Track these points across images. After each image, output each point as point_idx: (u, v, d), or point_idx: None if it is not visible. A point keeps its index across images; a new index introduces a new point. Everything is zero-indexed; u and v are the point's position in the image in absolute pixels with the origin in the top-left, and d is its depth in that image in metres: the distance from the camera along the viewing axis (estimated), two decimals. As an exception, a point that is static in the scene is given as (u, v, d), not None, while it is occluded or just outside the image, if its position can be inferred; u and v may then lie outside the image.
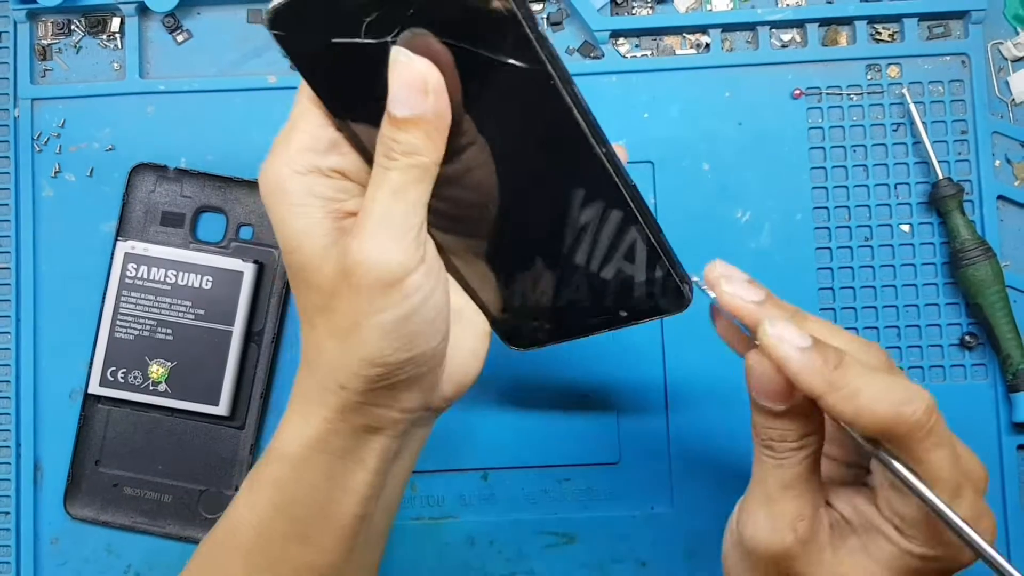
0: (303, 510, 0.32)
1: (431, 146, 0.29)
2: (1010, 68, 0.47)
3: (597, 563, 0.46)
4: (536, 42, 0.28)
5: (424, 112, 0.28)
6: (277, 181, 0.30)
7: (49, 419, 0.46)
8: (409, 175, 0.29)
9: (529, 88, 0.29)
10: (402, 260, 0.29)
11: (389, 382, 0.30)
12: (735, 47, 0.47)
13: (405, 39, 0.28)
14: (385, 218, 0.28)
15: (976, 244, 0.44)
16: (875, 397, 0.27)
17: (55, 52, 0.48)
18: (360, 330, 0.29)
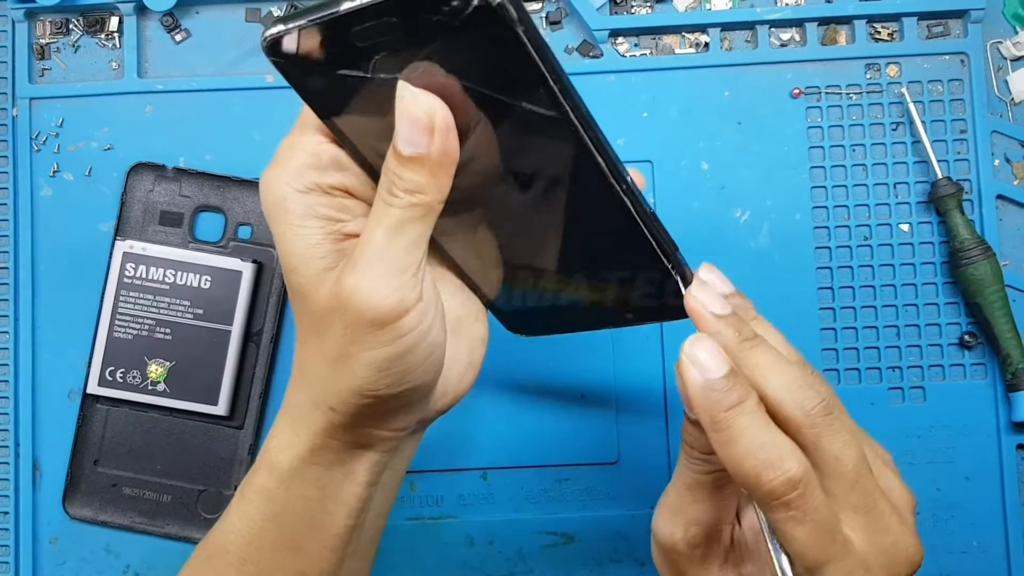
0: (294, 521, 0.31)
1: (435, 185, 0.28)
2: (1009, 67, 0.47)
3: (596, 563, 0.45)
4: (558, 92, 0.26)
5: (429, 152, 0.27)
6: (278, 198, 0.29)
7: (48, 419, 0.46)
8: (410, 213, 0.28)
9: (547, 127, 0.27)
10: (397, 300, 0.28)
11: (379, 410, 0.30)
12: (734, 46, 0.47)
13: (413, 71, 0.27)
14: (382, 256, 0.28)
15: (975, 243, 0.44)
16: (746, 451, 0.26)
17: (53, 51, 0.48)
18: (350, 362, 0.28)
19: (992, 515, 0.45)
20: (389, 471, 0.34)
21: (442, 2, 0.24)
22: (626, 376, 0.46)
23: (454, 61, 0.26)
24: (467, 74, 0.27)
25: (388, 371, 0.28)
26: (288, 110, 0.46)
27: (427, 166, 0.27)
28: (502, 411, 0.46)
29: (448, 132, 0.27)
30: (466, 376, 0.33)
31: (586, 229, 0.31)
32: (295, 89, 0.28)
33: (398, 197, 0.27)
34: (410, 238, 0.28)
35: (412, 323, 0.28)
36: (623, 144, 0.46)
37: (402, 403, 0.30)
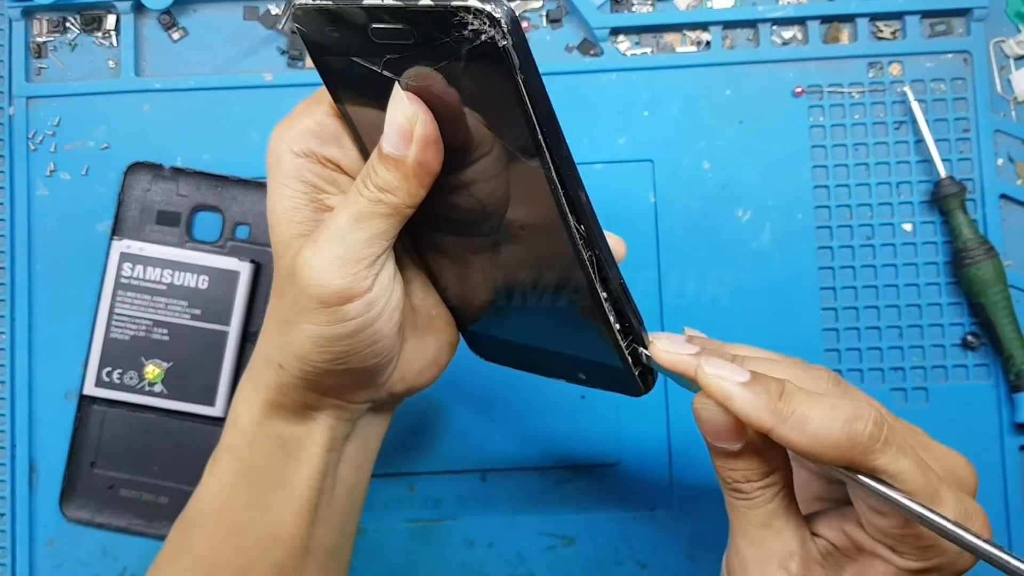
0: (260, 476, 0.32)
1: (406, 189, 0.28)
2: (1012, 66, 0.46)
3: (597, 565, 0.45)
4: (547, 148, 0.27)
5: (405, 157, 0.28)
6: (276, 153, 0.30)
7: (44, 420, 0.46)
8: (377, 209, 0.29)
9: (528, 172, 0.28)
10: (343, 286, 0.29)
11: (322, 380, 0.31)
12: (736, 44, 0.47)
13: (412, 78, 0.28)
14: (339, 240, 0.29)
15: (978, 243, 0.44)
16: (823, 422, 0.26)
17: (50, 50, 0.48)
18: (295, 329, 0.30)
19: (994, 516, 0.45)
20: (356, 445, 0.35)
21: (454, 27, 0.25)
22: (627, 377, 0.45)
23: (456, 82, 0.27)
24: (465, 98, 0.27)
25: (326, 348, 0.30)
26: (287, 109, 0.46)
27: (402, 170, 0.28)
28: (501, 412, 0.46)
29: (427, 144, 0.28)
30: (427, 372, 0.34)
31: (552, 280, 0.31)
32: (314, 63, 0.29)
33: (369, 190, 0.28)
34: (372, 231, 0.29)
35: (356, 311, 0.29)
36: (624, 143, 0.46)
37: (344, 380, 0.31)
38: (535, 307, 0.33)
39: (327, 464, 0.33)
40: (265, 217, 0.45)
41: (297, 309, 0.29)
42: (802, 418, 0.26)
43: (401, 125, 0.28)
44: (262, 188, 0.46)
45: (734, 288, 0.45)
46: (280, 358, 0.31)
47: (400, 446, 0.46)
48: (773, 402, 0.26)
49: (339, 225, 0.29)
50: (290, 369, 0.31)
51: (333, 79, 0.30)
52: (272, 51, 0.47)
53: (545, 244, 0.30)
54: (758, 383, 0.26)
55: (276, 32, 0.47)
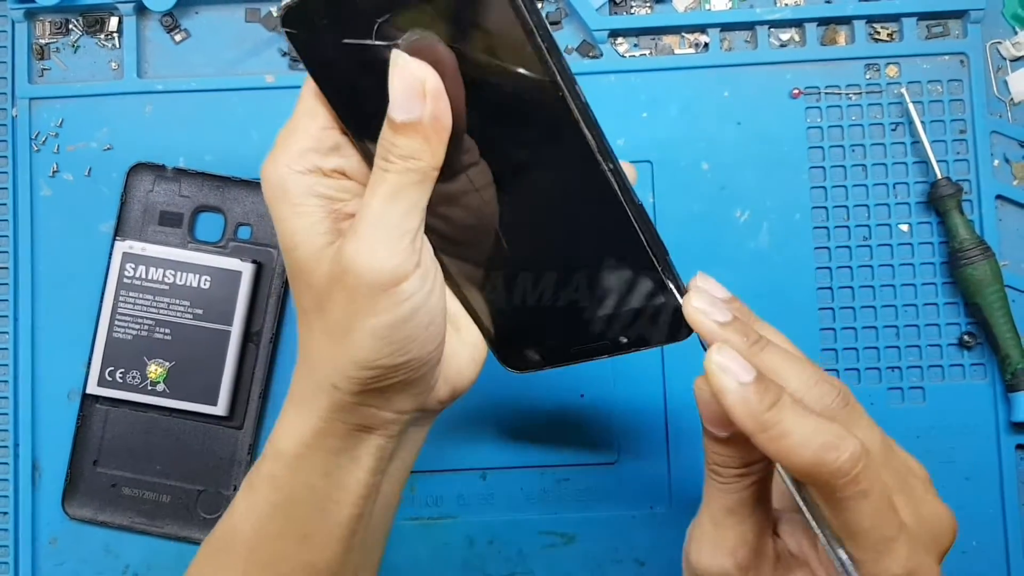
0: (301, 508, 0.32)
1: (429, 151, 0.28)
2: (1009, 68, 0.47)
3: (596, 562, 0.45)
4: (547, 51, 0.27)
5: (421, 116, 0.28)
6: (279, 180, 0.30)
7: (47, 419, 0.46)
8: (406, 179, 0.28)
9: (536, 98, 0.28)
10: (396, 265, 0.28)
11: (382, 384, 0.30)
12: (734, 46, 0.47)
13: (409, 41, 0.28)
14: (380, 221, 0.28)
15: (975, 244, 0.44)
16: (801, 441, 0.26)
17: (53, 51, 0.48)
18: (353, 333, 0.29)
19: (991, 515, 0.45)
20: (399, 463, 0.34)
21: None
22: (626, 376, 0.46)
23: (450, 23, 0.27)
24: (462, 38, 0.28)
25: (389, 339, 0.29)
26: (288, 110, 0.46)
27: (420, 131, 0.28)
28: (502, 411, 0.46)
29: (439, 98, 0.28)
30: (467, 370, 0.34)
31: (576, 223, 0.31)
32: (304, 62, 0.30)
33: (394, 163, 0.28)
34: (407, 204, 0.29)
35: (412, 288, 0.29)
36: (623, 144, 0.46)
37: (403, 377, 0.30)
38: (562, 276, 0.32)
39: (371, 489, 0.32)
40: (267, 218, 0.46)
41: (353, 310, 0.29)
42: (782, 432, 0.26)
43: (409, 85, 0.27)
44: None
45: (732, 288, 0.45)
46: (335, 378, 0.30)
47: (401, 445, 0.46)
48: (762, 411, 0.26)
49: (375, 209, 0.28)
50: (347, 386, 0.30)
51: (326, 73, 0.30)
52: (273, 53, 0.48)
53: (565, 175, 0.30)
54: (756, 387, 0.26)
55: (277, 34, 0.48)
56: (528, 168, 0.30)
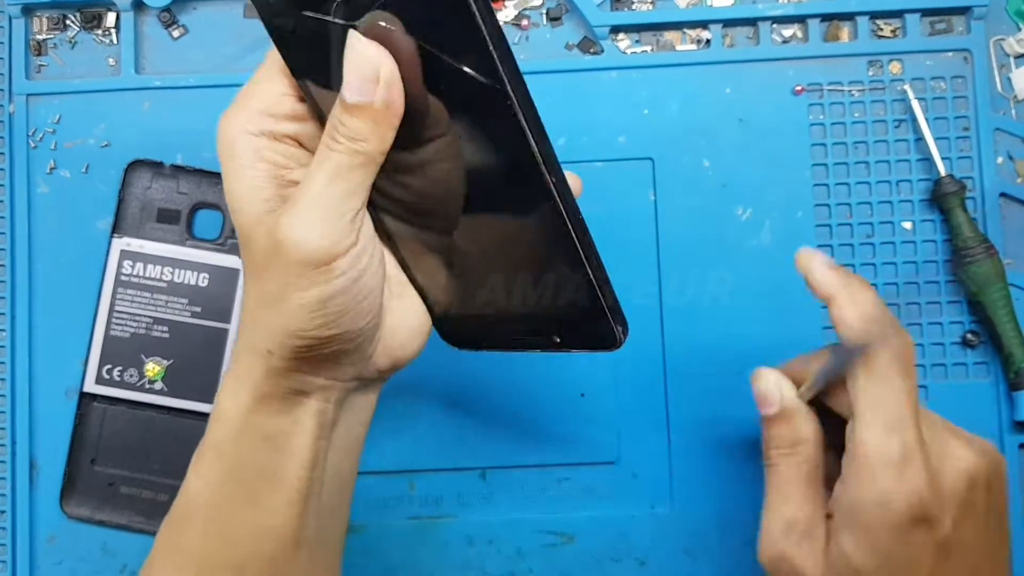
0: (247, 473, 0.32)
1: (377, 135, 0.29)
2: (1013, 64, 0.46)
3: (596, 562, 0.45)
4: (497, 58, 0.27)
5: (372, 101, 0.28)
6: (230, 138, 0.30)
7: (45, 417, 0.46)
8: (351, 160, 0.29)
9: (487, 100, 0.28)
10: (331, 243, 0.29)
11: (314, 354, 0.30)
12: (736, 43, 0.47)
13: (368, 23, 0.28)
14: (319, 199, 0.29)
15: (978, 242, 0.44)
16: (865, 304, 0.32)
17: (50, 47, 0.48)
18: (285, 303, 0.29)
19: (994, 515, 0.45)
20: (344, 431, 0.34)
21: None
22: (626, 375, 0.45)
23: (408, 13, 0.28)
24: (418, 29, 0.28)
25: (320, 312, 0.29)
26: (286, 107, 0.46)
27: (370, 115, 0.28)
28: (501, 410, 0.46)
29: (392, 85, 0.28)
30: (412, 342, 0.34)
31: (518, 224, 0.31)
32: (267, 29, 0.30)
33: (340, 143, 0.28)
34: (349, 185, 0.29)
35: (344, 266, 0.29)
36: (624, 142, 0.46)
37: (336, 349, 0.31)
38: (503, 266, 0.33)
39: (316, 453, 0.33)
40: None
41: (285, 281, 0.29)
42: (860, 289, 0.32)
43: (363, 69, 0.28)
44: (262, 186, 0.46)
45: (734, 286, 0.45)
46: (268, 343, 0.30)
47: (400, 444, 0.46)
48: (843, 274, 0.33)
49: (316, 186, 0.29)
50: (280, 352, 0.30)
51: (287, 43, 0.30)
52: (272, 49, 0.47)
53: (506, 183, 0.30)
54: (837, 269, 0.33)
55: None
56: (478, 163, 0.30)
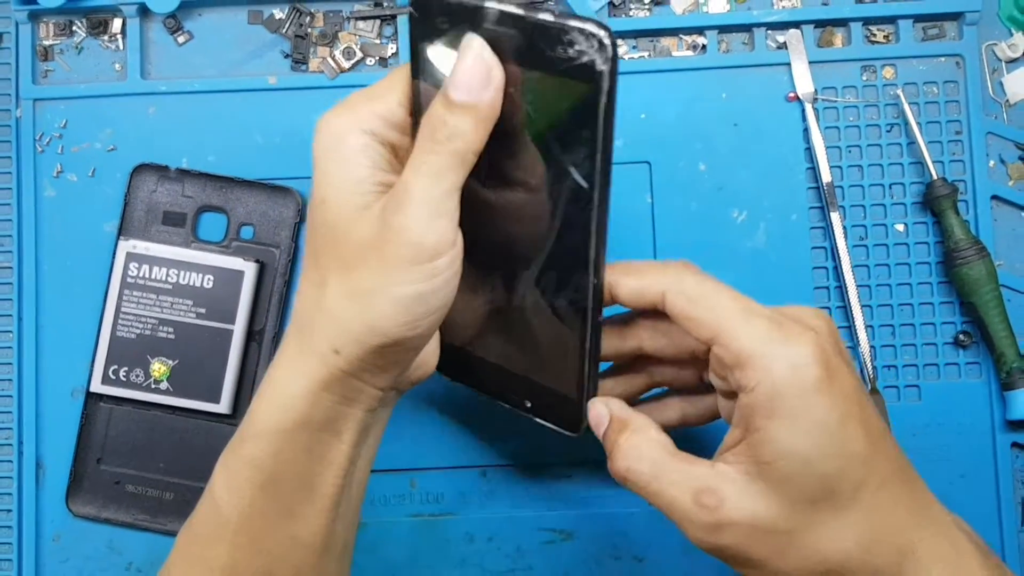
0: (285, 486, 0.32)
1: (476, 136, 0.29)
2: (1004, 69, 0.47)
3: (595, 559, 0.46)
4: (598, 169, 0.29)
5: (480, 101, 0.29)
6: (339, 132, 0.31)
7: (51, 417, 0.47)
8: (451, 160, 0.29)
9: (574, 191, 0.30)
10: (438, 240, 0.30)
11: (383, 358, 0.31)
12: (731, 48, 0.48)
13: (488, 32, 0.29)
14: (426, 199, 0.29)
15: (970, 244, 0.44)
16: None
17: (57, 53, 0.49)
18: (376, 298, 0.30)
19: (987, 513, 0.45)
20: (372, 438, 0.35)
21: (561, 43, 0.27)
22: (624, 375, 0.46)
23: (541, 91, 0.29)
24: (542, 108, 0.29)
25: (411, 310, 0.30)
26: (289, 111, 0.47)
27: (474, 115, 0.29)
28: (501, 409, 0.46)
29: (500, 91, 0.29)
30: (431, 360, 0.36)
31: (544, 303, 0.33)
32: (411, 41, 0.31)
33: (441, 143, 0.29)
34: (449, 185, 0.30)
35: (444, 265, 0.30)
36: (621, 145, 0.47)
37: (405, 353, 0.32)
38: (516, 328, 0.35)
39: (351, 460, 0.33)
40: (268, 217, 0.46)
41: (384, 276, 0.30)
42: None
43: (479, 69, 0.28)
44: (266, 189, 0.46)
45: None
46: (338, 341, 0.30)
47: (402, 442, 0.46)
48: None
49: (421, 185, 0.29)
50: (349, 351, 0.30)
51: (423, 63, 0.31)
52: (276, 55, 0.48)
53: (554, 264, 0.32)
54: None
55: (280, 36, 0.48)
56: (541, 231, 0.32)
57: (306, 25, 0.48)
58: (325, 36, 0.47)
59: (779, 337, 0.30)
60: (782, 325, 0.30)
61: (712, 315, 0.31)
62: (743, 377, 0.30)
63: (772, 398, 0.29)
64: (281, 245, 0.46)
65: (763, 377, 0.29)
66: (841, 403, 0.29)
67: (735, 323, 0.30)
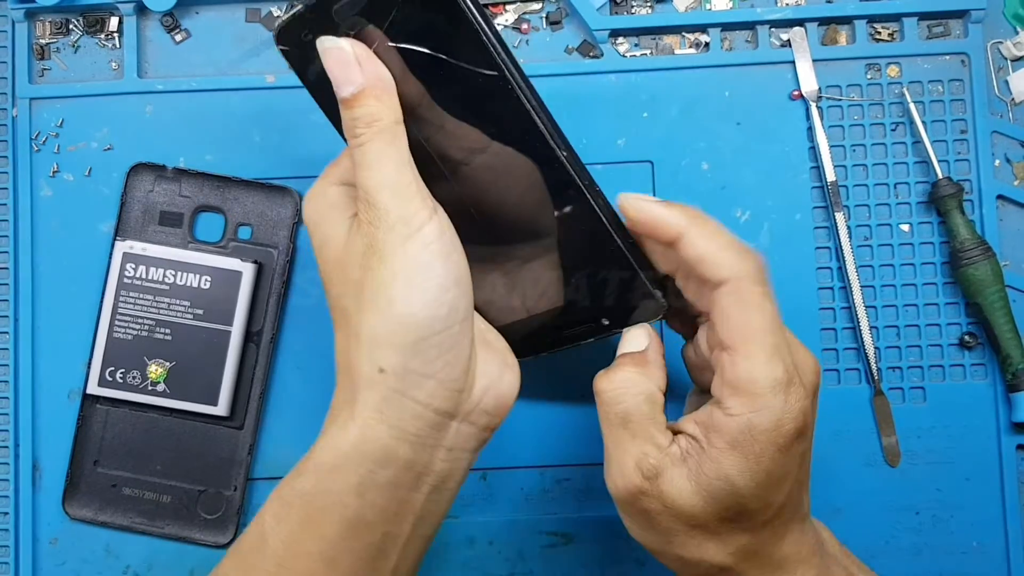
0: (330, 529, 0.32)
1: (385, 107, 0.31)
2: (1010, 67, 0.47)
3: (596, 562, 0.45)
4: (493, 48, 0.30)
5: (363, 82, 0.31)
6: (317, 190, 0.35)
7: (48, 419, 0.46)
8: (381, 140, 0.31)
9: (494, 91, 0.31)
10: (413, 209, 0.31)
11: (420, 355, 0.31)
12: (735, 46, 0.47)
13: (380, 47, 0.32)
14: (381, 182, 0.31)
15: (976, 244, 0.44)
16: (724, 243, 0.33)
17: (53, 51, 0.48)
18: (389, 291, 0.31)
19: (992, 515, 0.45)
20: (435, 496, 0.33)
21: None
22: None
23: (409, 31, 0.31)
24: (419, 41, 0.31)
25: (422, 286, 0.31)
26: (287, 110, 0.47)
27: (370, 95, 0.31)
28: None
29: (371, 60, 0.31)
30: (505, 374, 0.35)
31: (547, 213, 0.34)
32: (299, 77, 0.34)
33: (362, 133, 0.31)
34: (393, 162, 0.31)
35: (433, 235, 0.32)
36: (623, 145, 0.46)
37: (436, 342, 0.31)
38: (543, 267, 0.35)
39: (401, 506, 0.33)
40: (266, 217, 0.46)
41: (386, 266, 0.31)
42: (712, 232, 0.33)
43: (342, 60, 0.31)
44: (264, 189, 0.46)
45: None
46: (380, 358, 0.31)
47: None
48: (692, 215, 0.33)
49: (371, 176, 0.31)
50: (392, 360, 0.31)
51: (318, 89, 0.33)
52: (274, 53, 0.47)
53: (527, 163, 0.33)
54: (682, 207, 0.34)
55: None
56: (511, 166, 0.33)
57: (304, 23, 0.47)
58: (324, 34, 0.47)
59: (781, 388, 0.31)
60: (791, 380, 0.31)
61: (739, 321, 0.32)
62: (731, 398, 0.31)
63: (743, 433, 0.31)
64: (279, 245, 0.46)
65: (747, 415, 0.31)
66: (791, 462, 0.32)
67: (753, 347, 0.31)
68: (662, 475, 0.32)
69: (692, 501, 0.32)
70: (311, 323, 0.46)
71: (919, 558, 0.45)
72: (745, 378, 0.31)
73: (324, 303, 0.45)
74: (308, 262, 0.46)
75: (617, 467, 0.33)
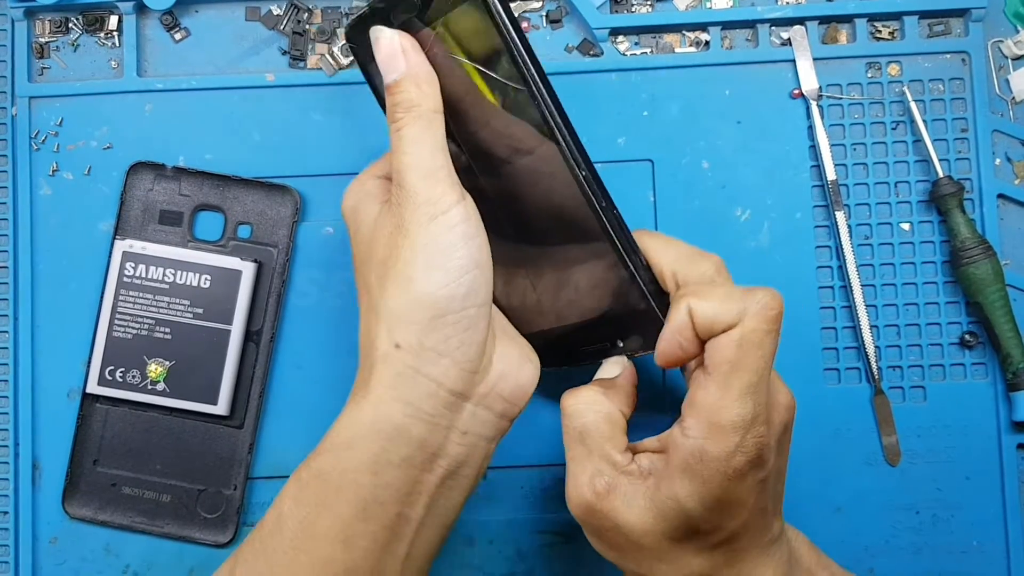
0: (345, 508, 0.32)
1: (424, 95, 0.33)
2: (1010, 66, 0.47)
3: (595, 561, 0.45)
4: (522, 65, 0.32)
5: (406, 69, 0.33)
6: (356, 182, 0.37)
7: (47, 418, 0.46)
8: (418, 126, 0.33)
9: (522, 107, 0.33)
10: (440, 193, 0.32)
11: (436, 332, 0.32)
12: (735, 45, 0.47)
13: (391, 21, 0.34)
14: (414, 165, 0.33)
15: (976, 242, 0.44)
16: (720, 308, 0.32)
17: (53, 50, 0.48)
18: (412, 270, 0.32)
19: (992, 515, 0.45)
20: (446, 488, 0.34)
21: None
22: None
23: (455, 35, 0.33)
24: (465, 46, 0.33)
25: (443, 267, 0.32)
26: (287, 109, 0.47)
27: (410, 81, 0.33)
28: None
29: (415, 51, 0.33)
30: (525, 365, 0.36)
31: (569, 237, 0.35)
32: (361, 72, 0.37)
33: (401, 118, 0.33)
34: (428, 146, 0.33)
35: (459, 218, 0.33)
36: (623, 143, 0.46)
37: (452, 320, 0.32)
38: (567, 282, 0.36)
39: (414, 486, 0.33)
40: (265, 216, 0.46)
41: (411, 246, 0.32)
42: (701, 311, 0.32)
43: (389, 51, 0.33)
44: (264, 188, 0.46)
45: None
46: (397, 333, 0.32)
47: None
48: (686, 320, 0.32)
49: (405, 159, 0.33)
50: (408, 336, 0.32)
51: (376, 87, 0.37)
52: (274, 51, 0.48)
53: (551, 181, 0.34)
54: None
55: (278, 33, 0.48)
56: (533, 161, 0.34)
57: (304, 21, 0.47)
58: (323, 32, 0.47)
59: (743, 426, 0.30)
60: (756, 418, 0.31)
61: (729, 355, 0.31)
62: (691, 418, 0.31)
63: (694, 456, 0.31)
64: (279, 244, 0.46)
65: (701, 440, 0.31)
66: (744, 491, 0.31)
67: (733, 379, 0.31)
68: (614, 493, 0.33)
69: (643, 518, 0.32)
70: (311, 322, 0.46)
71: (919, 557, 0.45)
72: (712, 405, 0.31)
73: (324, 303, 0.46)
74: (308, 262, 0.46)
75: (572, 482, 0.34)
